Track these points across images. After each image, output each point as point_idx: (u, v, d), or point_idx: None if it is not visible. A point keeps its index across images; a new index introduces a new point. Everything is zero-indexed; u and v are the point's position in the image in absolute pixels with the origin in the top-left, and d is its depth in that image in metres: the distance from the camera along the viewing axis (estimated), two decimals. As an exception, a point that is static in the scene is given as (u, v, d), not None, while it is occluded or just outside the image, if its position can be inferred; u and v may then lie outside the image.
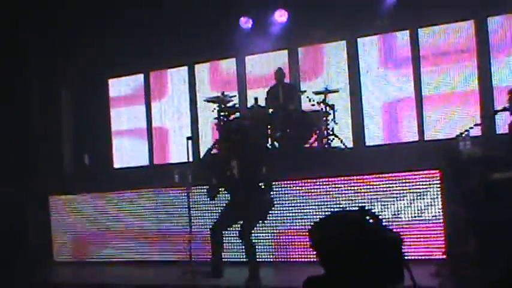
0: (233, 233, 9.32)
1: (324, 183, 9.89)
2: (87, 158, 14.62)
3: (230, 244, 9.84)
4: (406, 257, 2.64)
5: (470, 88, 12.02)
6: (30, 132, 13.80)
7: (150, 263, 11.31)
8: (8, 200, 12.39)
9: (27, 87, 13.96)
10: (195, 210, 10.11)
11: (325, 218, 2.74)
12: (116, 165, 15.27)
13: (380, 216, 2.66)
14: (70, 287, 10.03)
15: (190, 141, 9.79)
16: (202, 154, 13.16)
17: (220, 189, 8.82)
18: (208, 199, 9.08)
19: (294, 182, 10.15)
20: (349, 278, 2.59)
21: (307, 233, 2.77)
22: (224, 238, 8.94)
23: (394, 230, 2.64)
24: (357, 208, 2.75)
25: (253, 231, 8.82)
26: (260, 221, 8.77)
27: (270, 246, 10.20)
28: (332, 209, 9.48)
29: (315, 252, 2.70)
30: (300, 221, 10.00)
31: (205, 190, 9.13)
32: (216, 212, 9.78)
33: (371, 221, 2.65)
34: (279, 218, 10.16)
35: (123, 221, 11.81)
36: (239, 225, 8.74)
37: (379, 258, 2.58)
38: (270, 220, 9.99)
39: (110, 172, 14.94)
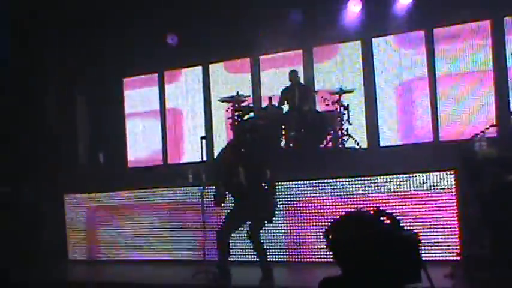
0: (241, 233, 9.37)
1: (338, 183, 9.88)
2: (102, 157, 14.67)
3: (239, 244, 9.87)
4: (422, 258, 2.63)
5: (487, 88, 11.98)
6: (46, 131, 13.86)
7: (164, 262, 11.33)
8: (23, 199, 12.46)
9: (44, 87, 14.02)
10: (209, 209, 10.12)
11: (342, 218, 2.74)
12: (131, 164, 15.32)
13: (396, 217, 2.66)
14: (84, 285, 10.05)
15: (204, 141, 9.80)
16: (216, 154, 13.16)
17: (226, 196, 8.78)
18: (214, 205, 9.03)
19: (308, 182, 10.15)
20: (366, 279, 2.59)
21: (322, 234, 2.77)
22: (230, 241, 8.93)
23: (411, 231, 2.63)
24: (372, 209, 2.75)
25: (261, 232, 8.78)
26: (266, 222, 8.73)
27: (283, 247, 10.20)
28: (346, 210, 9.44)
29: (331, 253, 2.70)
30: (313, 221, 10.00)
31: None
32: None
33: (387, 221, 2.65)
34: (292, 218, 10.16)
35: (137, 220, 11.85)
36: (247, 227, 8.73)
37: (395, 259, 2.57)
38: (282, 220, 10.03)
39: (125, 171, 14.98)
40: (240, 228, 8.92)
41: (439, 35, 12.42)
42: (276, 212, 8.75)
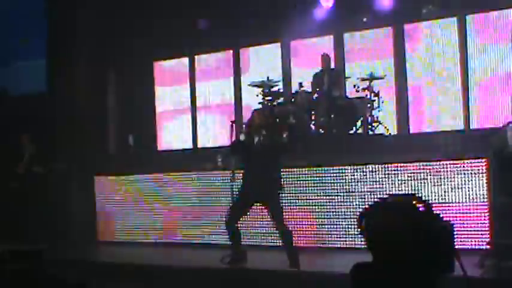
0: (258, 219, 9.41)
1: (367, 170, 9.86)
2: (132, 139, 14.76)
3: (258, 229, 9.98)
4: (456, 247, 2.63)
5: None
6: (76, 112, 13.96)
7: (192, 245, 11.41)
8: (54, 180, 12.58)
9: (74, 68, 14.11)
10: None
11: (375, 204, 2.74)
12: (161, 147, 15.41)
13: (431, 204, 2.65)
14: (113, 267, 10.15)
15: (234, 126, 9.81)
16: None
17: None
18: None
19: (337, 168, 10.14)
20: (398, 266, 2.59)
21: (356, 219, 2.77)
22: (239, 228, 9.02)
23: (447, 220, 2.62)
24: (407, 195, 2.74)
25: (283, 215, 8.80)
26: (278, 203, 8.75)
27: (310, 233, 10.23)
28: (375, 196, 9.47)
29: (363, 239, 2.70)
30: (342, 207, 10.01)
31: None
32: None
33: (422, 208, 2.64)
34: (319, 204, 10.18)
35: (166, 203, 11.93)
36: (269, 215, 8.77)
37: (429, 247, 2.57)
38: (310, 206, 10.08)
39: (155, 154, 15.07)
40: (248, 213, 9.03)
41: (472, 21, 12.29)
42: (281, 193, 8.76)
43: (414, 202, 2.65)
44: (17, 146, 12.49)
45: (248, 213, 9.16)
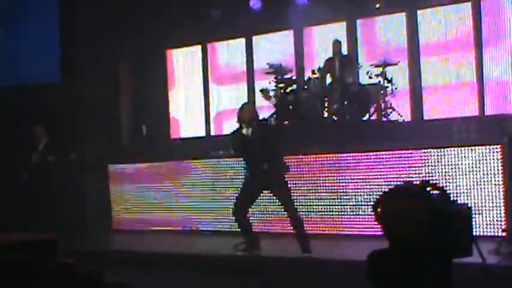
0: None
1: (381, 156, 9.82)
2: (145, 129, 14.77)
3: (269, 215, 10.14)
4: (474, 231, 2.60)
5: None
6: (89, 102, 13.99)
7: (206, 232, 11.42)
8: (69, 169, 12.60)
9: (86, 57, 14.12)
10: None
11: (391, 191, 2.72)
12: (174, 135, 15.42)
13: (446, 190, 2.63)
14: (128, 255, 10.18)
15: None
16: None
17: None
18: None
19: (351, 155, 10.11)
20: (415, 252, 2.57)
21: (372, 206, 2.75)
22: (248, 216, 9.02)
23: (465, 204, 2.59)
24: (422, 181, 2.72)
25: (293, 201, 8.80)
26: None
27: (322, 219, 10.22)
28: (389, 183, 9.43)
29: (379, 226, 2.68)
30: (357, 194, 9.98)
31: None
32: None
33: (437, 193, 2.62)
34: (333, 191, 10.16)
35: (180, 191, 11.94)
36: (279, 203, 8.78)
37: (445, 231, 2.54)
38: (323, 192, 10.06)
39: (167, 142, 15.09)
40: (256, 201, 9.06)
41: (485, 7, 12.18)
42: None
43: (429, 188, 2.63)
44: (30, 136, 12.51)
45: (255, 202, 9.14)
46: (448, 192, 2.62)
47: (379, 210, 2.70)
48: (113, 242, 12.37)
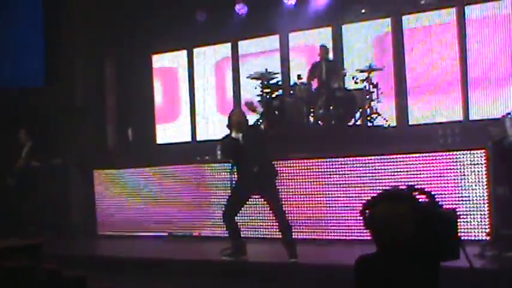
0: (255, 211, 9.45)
1: (366, 161, 9.85)
2: (131, 133, 14.74)
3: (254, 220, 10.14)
4: (460, 235, 2.62)
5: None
6: (74, 104, 13.94)
7: (192, 237, 11.40)
8: (53, 173, 12.56)
9: (72, 59, 14.07)
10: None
11: (379, 195, 2.74)
12: (159, 140, 15.40)
13: (434, 195, 2.65)
14: (112, 260, 10.15)
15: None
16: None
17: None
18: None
19: (336, 160, 10.13)
20: (403, 256, 2.58)
21: (360, 211, 2.77)
22: (237, 221, 8.99)
23: (451, 208, 2.62)
24: (409, 186, 2.74)
25: (282, 207, 8.79)
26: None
27: (306, 224, 10.23)
28: (374, 188, 9.47)
29: (367, 230, 2.70)
30: (341, 198, 10.00)
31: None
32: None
33: (425, 198, 2.64)
34: (318, 195, 10.17)
35: (166, 196, 11.92)
36: (270, 209, 8.77)
37: (433, 236, 2.56)
38: (309, 197, 10.07)
39: (153, 147, 15.06)
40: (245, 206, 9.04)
41: (471, 12, 12.25)
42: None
43: (416, 193, 2.65)
44: (15, 141, 12.45)
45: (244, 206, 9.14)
46: (434, 196, 2.64)
47: (367, 214, 2.71)
48: (98, 247, 12.32)
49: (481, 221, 8.86)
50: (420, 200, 2.67)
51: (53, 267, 5.59)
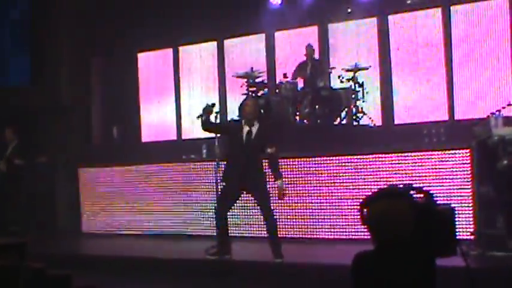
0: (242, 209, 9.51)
1: (352, 161, 9.88)
2: (116, 131, 14.69)
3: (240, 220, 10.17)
4: (457, 232, 2.63)
5: (503, 65, 11.86)
6: (59, 103, 13.89)
7: (176, 236, 11.39)
8: (37, 171, 12.50)
9: (57, 58, 14.02)
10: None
11: (376, 193, 2.76)
12: (144, 139, 15.35)
13: (430, 193, 2.66)
14: (97, 258, 10.12)
15: (218, 116, 9.80)
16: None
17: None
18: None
19: (321, 159, 10.15)
20: (400, 253, 2.60)
21: (357, 209, 2.79)
22: (228, 218, 8.98)
23: (448, 205, 2.64)
24: (405, 184, 2.76)
25: (271, 207, 8.77)
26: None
27: (295, 223, 10.24)
28: (360, 187, 9.52)
29: (365, 228, 2.71)
30: (329, 197, 10.03)
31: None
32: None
33: (422, 197, 2.66)
34: (306, 195, 10.19)
35: (151, 194, 11.90)
36: (259, 207, 8.75)
37: (430, 232, 2.58)
38: (298, 196, 10.08)
39: (138, 145, 15.01)
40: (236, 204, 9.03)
41: (456, 12, 12.30)
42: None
43: (413, 191, 2.67)
44: (1, 139, 12.39)
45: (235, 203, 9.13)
46: (432, 195, 2.66)
47: (364, 212, 2.73)
48: (83, 246, 12.28)
49: (465, 220, 8.90)
50: (416, 198, 2.69)
51: (38, 266, 5.58)
